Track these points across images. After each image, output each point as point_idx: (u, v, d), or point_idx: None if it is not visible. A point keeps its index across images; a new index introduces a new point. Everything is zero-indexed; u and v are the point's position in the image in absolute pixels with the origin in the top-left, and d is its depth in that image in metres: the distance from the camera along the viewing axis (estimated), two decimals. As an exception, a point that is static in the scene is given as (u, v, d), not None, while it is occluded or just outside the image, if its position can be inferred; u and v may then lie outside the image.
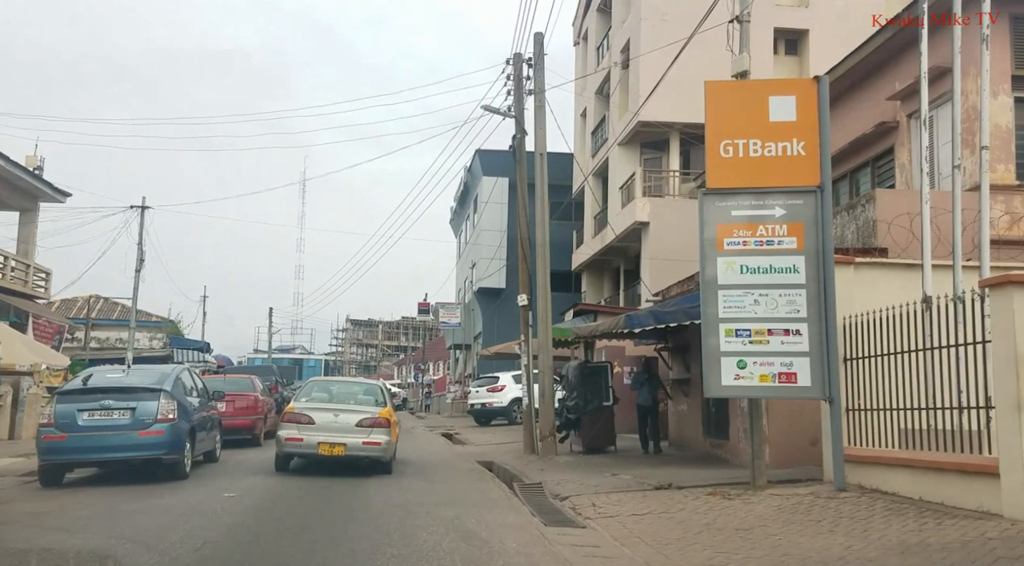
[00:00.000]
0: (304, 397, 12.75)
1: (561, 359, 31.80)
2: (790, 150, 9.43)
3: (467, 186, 41.09)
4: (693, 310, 11.35)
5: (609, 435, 14.75)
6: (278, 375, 22.35)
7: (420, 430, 25.23)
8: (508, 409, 24.61)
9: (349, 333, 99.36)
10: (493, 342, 34.14)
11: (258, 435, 16.36)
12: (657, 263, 25.06)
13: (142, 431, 10.30)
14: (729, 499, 8.99)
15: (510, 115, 15.60)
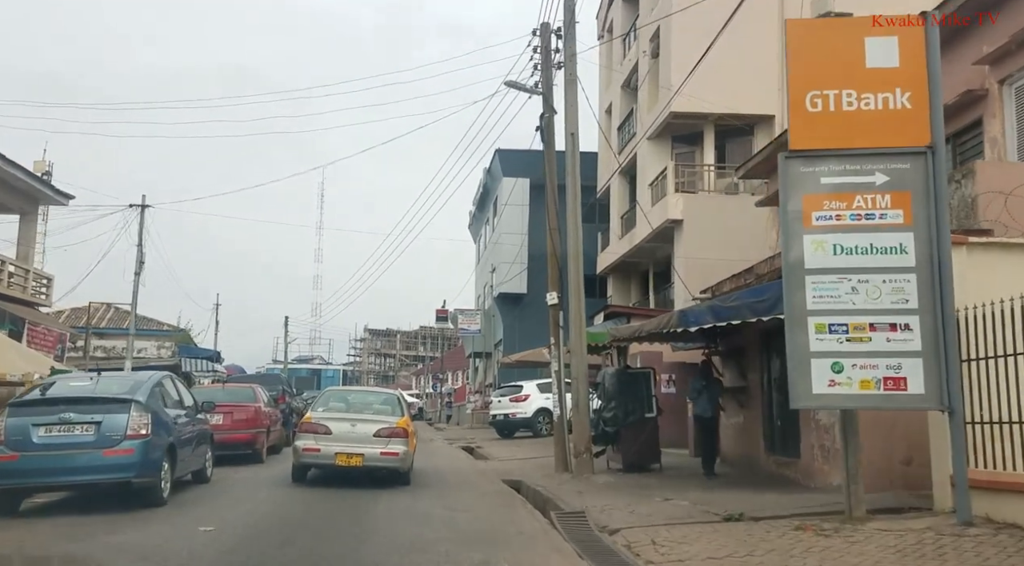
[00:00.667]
0: (321, 407, 12.37)
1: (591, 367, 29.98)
2: (892, 102, 7.58)
3: (486, 188, 39.36)
4: (759, 305, 9.49)
5: (653, 451, 12.87)
6: (286, 384, 20.65)
7: (439, 443, 23.41)
8: (533, 420, 22.75)
9: (367, 343, 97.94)
10: (515, 350, 32.38)
11: (259, 450, 14.60)
12: (691, 263, 23.14)
13: (108, 449, 8.56)
14: (825, 536, 7.10)
15: (537, 91, 13.86)
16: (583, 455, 12.59)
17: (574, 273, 13.45)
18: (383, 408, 12.42)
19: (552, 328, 14.24)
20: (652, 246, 27.31)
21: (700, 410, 11.37)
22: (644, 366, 14.20)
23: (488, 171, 37.81)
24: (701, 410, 11.34)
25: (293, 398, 20.97)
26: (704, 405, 11.35)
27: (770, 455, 11.61)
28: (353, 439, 11.20)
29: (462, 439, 24.15)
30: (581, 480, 12.13)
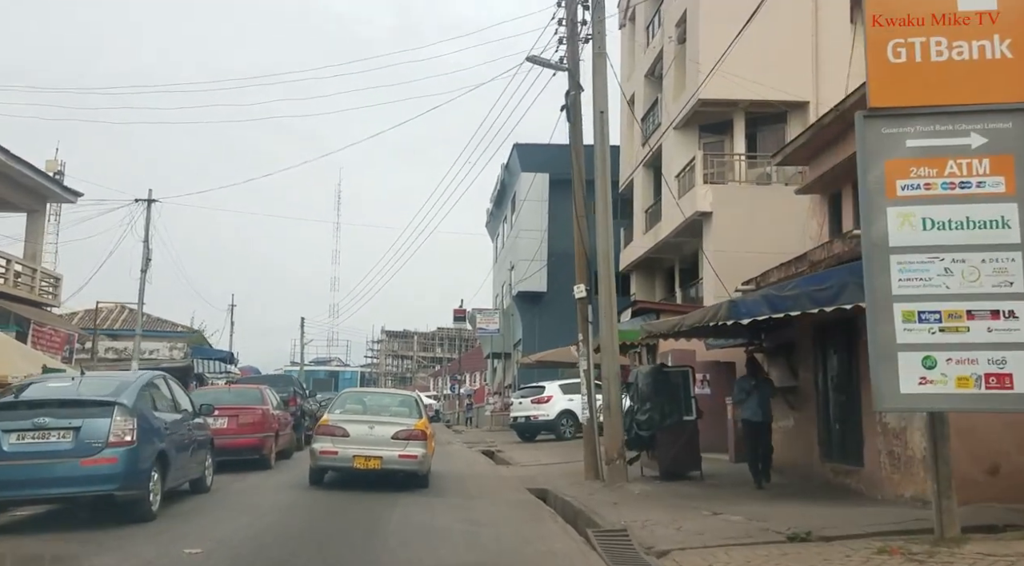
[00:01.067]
0: (338, 409, 12.12)
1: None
2: (990, 51, 6.45)
3: (504, 185, 38.31)
4: (821, 294, 8.35)
5: (692, 457, 11.73)
6: (298, 385, 19.65)
7: (458, 446, 22.34)
8: (555, 423, 21.64)
9: (384, 344, 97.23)
10: (534, 349, 31.34)
11: (267, 456, 13.59)
12: (722, 257, 21.97)
13: (87, 459, 7.55)
14: (918, 562, 5.96)
15: (562, 67, 12.77)
16: (616, 461, 11.47)
17: (604, 264, 12.35)
18: (401, 410, 12.13)
19: (580, 324, 13.16)
20: (678, 241, 26.13)
21: (749, 413, 10.19)
22: (681, 365, 13.05)
23: (506, 166, 36.76)
24: (750, 413, 10.16)
25: (305, 400, 19.98)
26: (753, 408, 10.16)
27: (826, 462, 10.44)
28: (371, 442, 10.94)
29: (481, 442, 23.08)
30: (614, 489, 11.02)
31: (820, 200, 17.14)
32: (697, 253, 26.04)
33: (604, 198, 12.43)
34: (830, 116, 15.12)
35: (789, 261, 11.84)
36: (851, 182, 14.92)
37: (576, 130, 13.24)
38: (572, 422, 21.73)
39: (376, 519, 8.80)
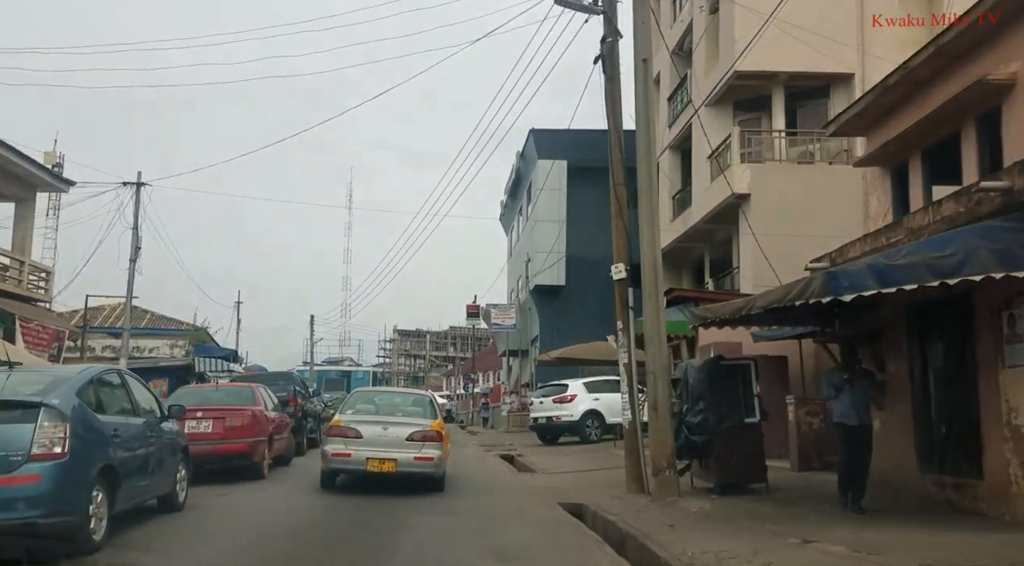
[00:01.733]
0: (350, 409, 11.49)
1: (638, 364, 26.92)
2: None
3: (519, 174, 36.46)
4: (941, 263, 6.49)
5: (755, 466, 9.84)
6: (300, 384, 17.84)
7: (474, 449, 20.52)
8: (580, 424, 19.78)
9: (396, 344, 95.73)
10: (552, 346, 29.50)
11: (259, 463, 11.79)
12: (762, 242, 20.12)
13: (2, 476, 5.80)
14: None
15: (596, 10, 10.91)
16: (665, 471, 9.61)
17: (649, 238, 10.53)
18: (415, 410, 11.64)
19: (619, 310, 11.35)
20: (709, 228, 24.23)
21: (842, 414, 8.21)
22: (741, 357, 11.18)
23: (521, 154, 34.93)
24: (844, 414, 8.16)
25: (308, 400, 18.20)
26: (846, 408, 8.11)
27: (926, 473, 8.52)
28: (385, 443, 10.41)
29: (499, 445, 21.25)
30: (665, 506, 9.16)
31: (881, 174, 15.20)
32: (730, 241, 24.14)
33: (648, 160, 10.59)
34: (895, 76, 13.19)
35: (878, 230, 9.96)
36: (921, 151, 13.00)
37: (613, 84, 11.41)
38: (598, 423, 19.91)
39: (381, 547, 7.00)
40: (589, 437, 19.61)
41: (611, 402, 20.12)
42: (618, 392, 20.66)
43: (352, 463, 10.41)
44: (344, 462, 10.47)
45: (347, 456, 10.40)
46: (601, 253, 31.38)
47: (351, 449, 10.40)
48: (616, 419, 21.21)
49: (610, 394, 20.32)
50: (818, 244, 20.25)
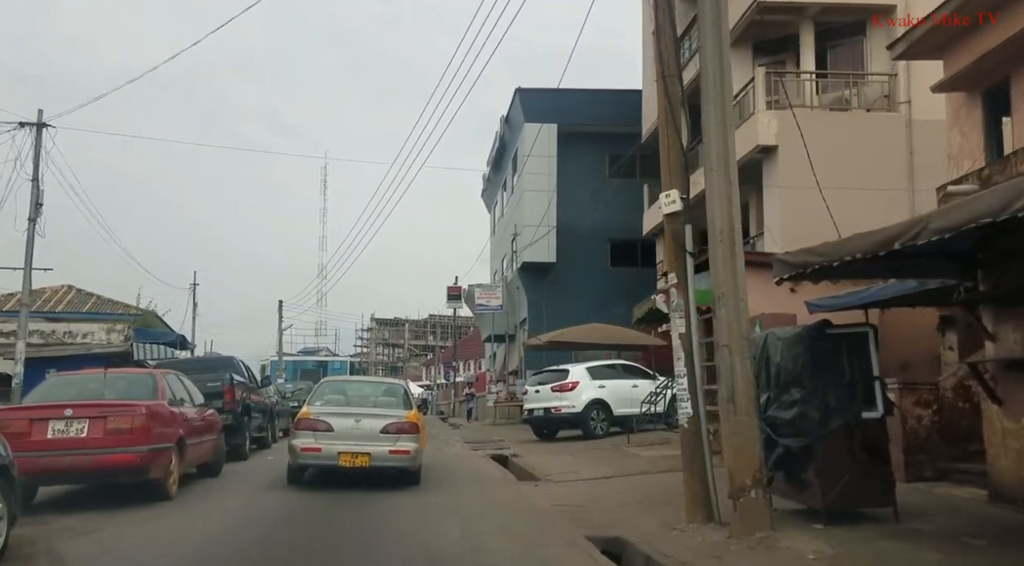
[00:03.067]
0: (319, 400, 10.76)
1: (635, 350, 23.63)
2: None
3: (503, 143, 32.98)
4: None
5: (880, 482, 6.61)
6: (240, 370, 14.12)
7: (458, 446, 17.19)
8: (583, 417, 16.47)
9: (374, 333, 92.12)
10: (542, 329, 26.22)
11: (160, 480, 8.33)
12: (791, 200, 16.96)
13: None
14: None
15: None
16: (750, 492, 6.33)
17: (719, 146, 7.24)
18: (388, 400, 10.91)
19: (670, 258, 8.17)
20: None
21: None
22: (855, 324, 7.89)
23: (506, 119, 31.45)
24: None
25: (255, 391, 14.65)
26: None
27: None
28: (358, 436, 9.77)
29: (487, 441, 17.93)
30: (758, 547, 5.92)
31: (967, 101, 12.03)
32: (748, 204, 20.98)
33: (717, 32, 7.25)
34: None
35: None
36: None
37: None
38: (604, 415, 16.65)
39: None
40: (594, 432, 16.36)
41: (618, 390, 16.87)
42: (626, 379, 17.50)
43: (323, 458, 9.76)
44: (314, 457, 9.81)
45: (317, 451, 9.74)
46: (596, 227, 28.12)
47: (321, 443, 9.74)
48: (625, 410, 17.92)
49: (617, 381, 17.07)
50: (859, 201, 16.92)
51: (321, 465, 9.88)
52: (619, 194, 27.48)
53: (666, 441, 14.43)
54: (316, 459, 9.80)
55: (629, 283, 28.68)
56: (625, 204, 27.97)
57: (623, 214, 28.33)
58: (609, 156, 28.61)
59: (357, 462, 9.56)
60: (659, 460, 12.03)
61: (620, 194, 27.48)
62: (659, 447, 13.78)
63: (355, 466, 9.55)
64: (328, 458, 9.66)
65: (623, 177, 27.63)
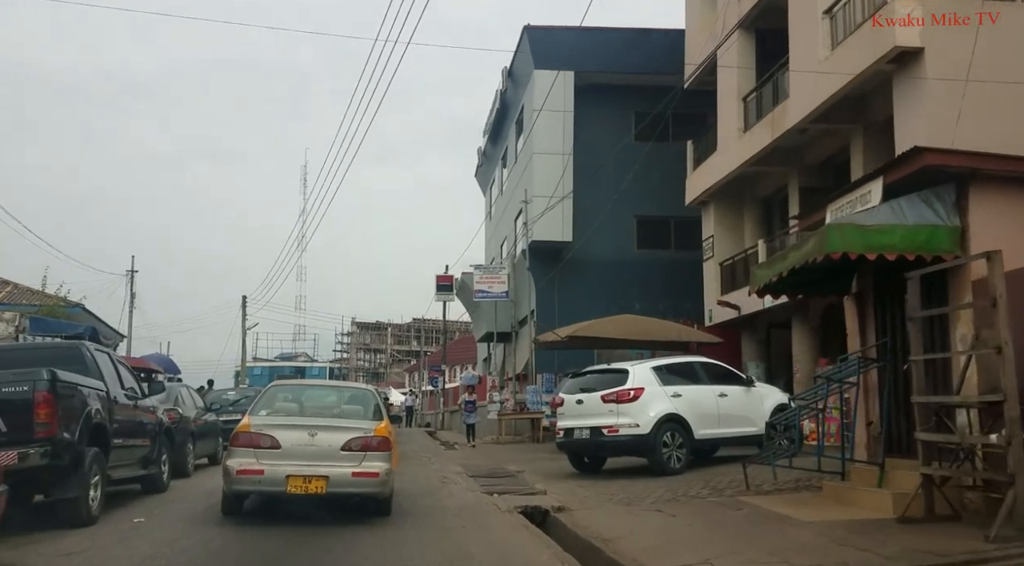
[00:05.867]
0: (264, 408, 8.51)
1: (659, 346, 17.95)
2: None
3: (504, 103, 27.26)
4: None
5: None
6: (93, 366, 7.55)
7: (461, 485, 11.22)
8: (653, 441, 10.60)
9: (355, 337, 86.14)
10: (553, 325, 20.56)
11: None
12: (945, 125, 11.34)
13: None
14: None
15: None
16: None
17: None
18: (352, 409, 8.74)
19: None
20: (814, 132, 15.56)
21: None
22: None
23: (509, 72, 25.76)
24: None
25: (136, 406, 8.63)
26: None
27: None
28: (312, 455, 7.72)
29: (502, 474, 12.13)
30: None
31: None
32: (846, 150, 15.47)
33: None
34: None
35: None
36: None
37: None
38: (680, 440, 10.83)
39: None
40: (668, 464, 10.59)
41: (700, 402, 11.20)
42: (708, 384, 11.58)
43: (265, 483, 7.66)
44: (254, 481, 7.67)
45: (258, 473, 7.61)
46: (620, 200, 22.48)
47: (264, 464, 7.63)
48: (709, 431, 11.98)
49: (697, 388, 11.39)
50: None
51: (264, 491, 7.94)
52: (648, 161, 21.81)
53: (807, 485, 8.77)
54: (257, 484, 7.78)
55: (660, 269, 23.04)
56: (655, 173, 22.35)
57: (652, 185, 22.73)
58: (635, 114, 23.00)
59: (311, 488, 7.67)
60: (846, 533, 6.39)
61: (649, 161, 21.83)
62: (813, 500, 8.13)
63: (308, 493, 7.68)
64: (273, 483, 7.69)
65: (653, 140, 21.97)
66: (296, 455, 7.73)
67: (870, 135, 14.67)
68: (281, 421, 8.16)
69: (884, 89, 13.16)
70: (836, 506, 7.75)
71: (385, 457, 7.93)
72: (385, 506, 8.20)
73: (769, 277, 8.27)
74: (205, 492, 9.52)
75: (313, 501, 7.81)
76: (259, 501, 8.37)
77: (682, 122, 22.14)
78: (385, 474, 7.86)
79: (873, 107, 14.38)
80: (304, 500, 7.77)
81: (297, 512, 7.89)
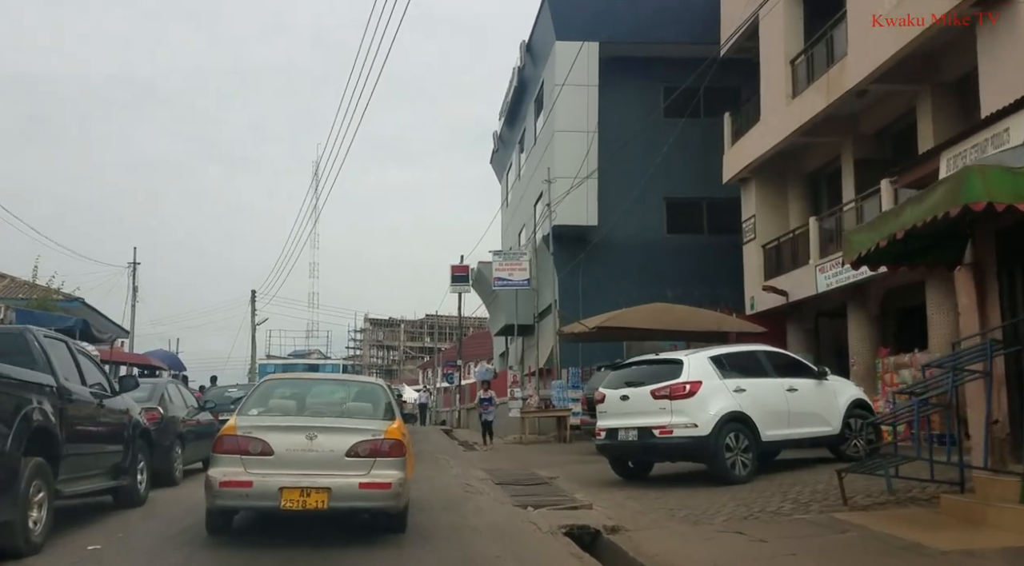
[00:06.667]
0: (254, 407, 7.17)
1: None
2: None
3: (522, 81, 25.67)
4: None
5: None
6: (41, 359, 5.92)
7: (488, 496, 9.64)
8: (714, 445, 8.91)
9: (368, 334, 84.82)
10: (577, 315, 19.08)
11: None
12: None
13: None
14: None
15: None
16: None
17: None
18: (360, 407, 7.34)
19: None
20: (875, 94, 13.93)
21: None
22: None
23: (528, 46, 24.16)
24: None
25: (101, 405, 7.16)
26: None
27: None
28: (311, 463, 6.42)
29: (533, 480, 10.58)
30: None
31: None
32: (911, 113, 13.81)
33: None
34: None
35: None
36: None
37: None
38: (746, 442, 9.19)
39: None
40: (733, 472, 8.98)
41: (767, 397, 9.60)
42: (774, 376, 9.43)
43: (255, 497, 6.32)
44: (242, 495, 6.33)
45: (247, 485, 6.27)
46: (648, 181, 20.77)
47: (254, 474, 6.31)
48: (778, 432, 9.97)
49: (762, 381, 9.79)
50: None
51: (254, 506, 6.61)
52: (679, 139, 20.17)
53: (910, 498, 7.18)
54: (245, 499, 6.39)
55: (692, 255, 21.43)
56: (685, 152, 20.75)
57: (683, 165, 21.12)
58: (664, 88, 21.35)
59: (310, 502, 6.26)
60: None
61: (680, 139, 20.19)
62: (933, 519, 6.50)
63: (306, 508, 6.26)
64: (263, 497, 6.31)
65: (684, 117, 20.34)
66: (292, 463, 6.48)
67: (940, 97, 13.05)
68: (274, 422, 6.91)
69: (961, 42, 11.52)
70: (967, 527, 6.15)
71: (398, 464, 6.70)
72: (399, 522, 6.98)
73: (873, 242, 6.64)
74: (190, 506, 8.03)
75: (313, 518, 6.56)
76: (251, 517, 7.17)
77: (714, 96, 20.49)
78: (399, 484, 6.61)
79: (944, 65, 12.73)
80: (302, 517, 6.50)
81: (296, 530, 6.69)
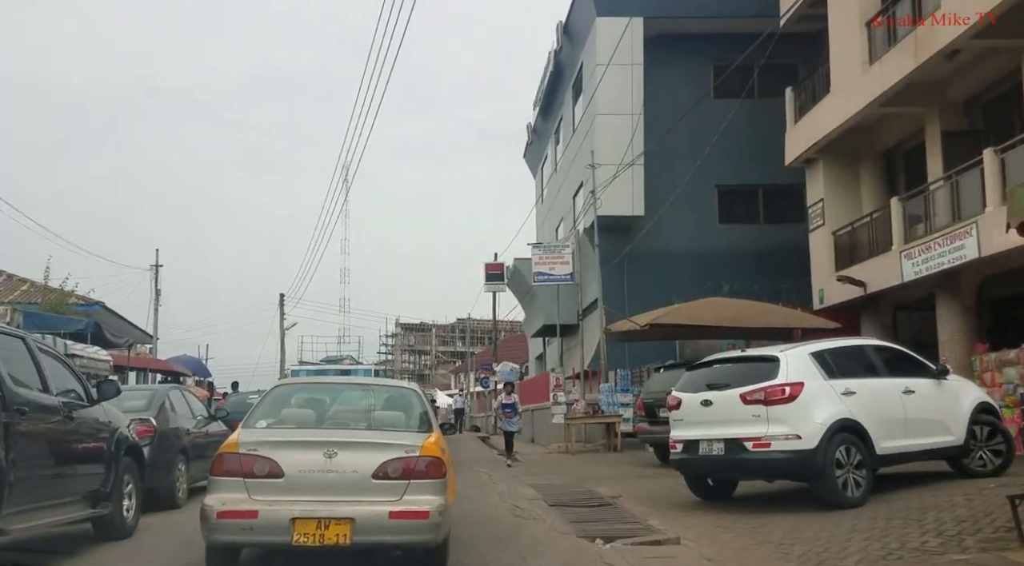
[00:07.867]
0: (263, 418, 5.89)
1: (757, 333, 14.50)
2: None
3: (559, 66, 24.07)
4: None
5: None
6: None
7: (544, 523, 8.04)
8: (820, 460, 7.07)
9: (399, 339, 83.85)
10: (624, 312, 17.50)
11: None
12: None
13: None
14: None
15: None
16: None
17: None
18: (389, 417, 6.05)
19: None
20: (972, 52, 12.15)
21: None
22: None
23: (565, 27, 22.58)
24: None
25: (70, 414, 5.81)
26: None
27: None
28: (331, 486, 5.16)
29: (594, 501, 8.98)
30: None
31: None
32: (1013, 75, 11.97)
33: None
34: None
35: None
36: None
37: None
38: (858, 456, 7.44)
39: None
40: (846, 494, 7.28)
41: (881, 401, 7.89)
42: (888, 376, 7.44)
43: (262, 530, 5.03)
44: (245, 529, 5.04)
45: (250, 515, 5.02)
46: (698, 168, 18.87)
47: (260, 501, 5.07)
48: (896, 443, 7.84)
49: (874, 382, 8.07)
50: None
51: (259, 542, 5.26)
52: (731, 122, 18.45)
53: None
54: (249, 533, 5.05)
55: (748, 246, 19.69)
56: (738, 136, 19.02)
57: (736, 150, 19.39)
58: (715, 66, 19.66)
59: (328, 536, 4.96)
60: None
61: (732, 122, 18.46)
62: None
63: (324, 544, 4.96)
64: (271, 530, 5.00)
65: (738, 98, 18.65)
66: (306, 487, 5.20)
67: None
68: (285, 436, 5.60)
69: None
70: None
71: (437, 487, 5.36)
72: (438, 560, 5.63)
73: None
74: (187, 536, 6.53)
75: (332, 556, 5.22)
76: (260, 552, 5.82)
77: (770, 74, 18.77)
78: (438, 513, 5.26)
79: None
80: (318, 554, 5.15)
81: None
